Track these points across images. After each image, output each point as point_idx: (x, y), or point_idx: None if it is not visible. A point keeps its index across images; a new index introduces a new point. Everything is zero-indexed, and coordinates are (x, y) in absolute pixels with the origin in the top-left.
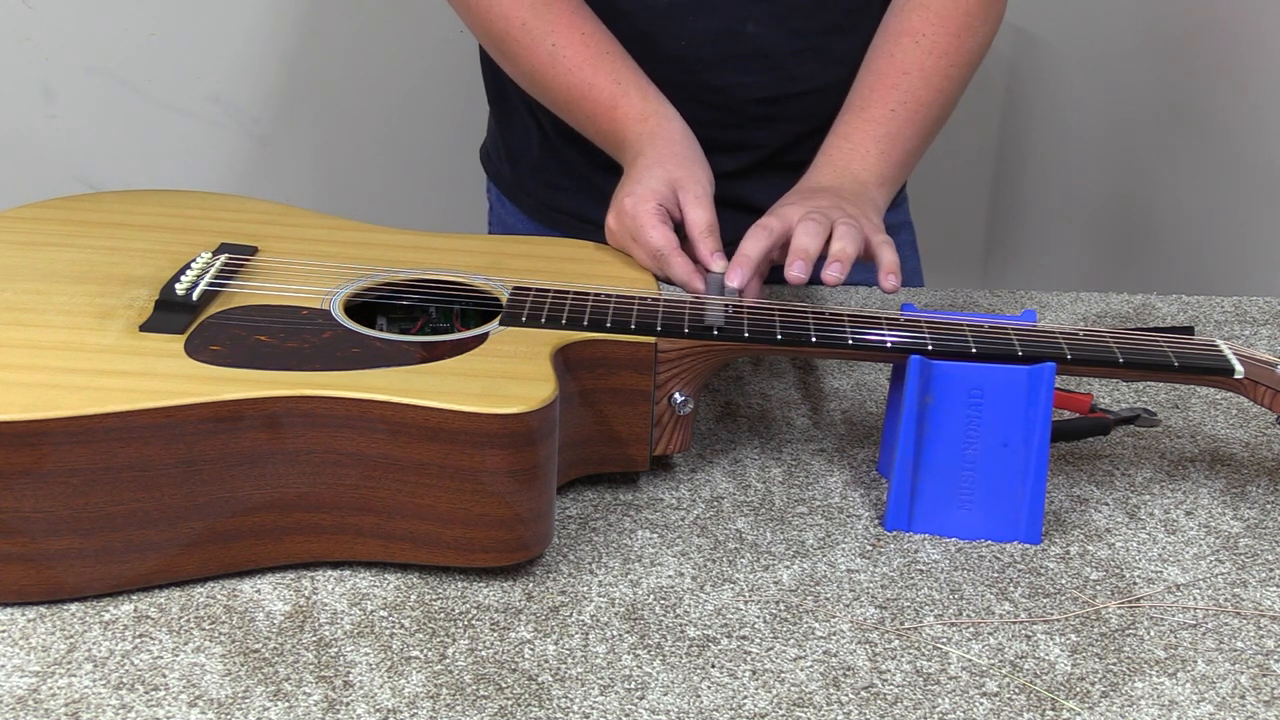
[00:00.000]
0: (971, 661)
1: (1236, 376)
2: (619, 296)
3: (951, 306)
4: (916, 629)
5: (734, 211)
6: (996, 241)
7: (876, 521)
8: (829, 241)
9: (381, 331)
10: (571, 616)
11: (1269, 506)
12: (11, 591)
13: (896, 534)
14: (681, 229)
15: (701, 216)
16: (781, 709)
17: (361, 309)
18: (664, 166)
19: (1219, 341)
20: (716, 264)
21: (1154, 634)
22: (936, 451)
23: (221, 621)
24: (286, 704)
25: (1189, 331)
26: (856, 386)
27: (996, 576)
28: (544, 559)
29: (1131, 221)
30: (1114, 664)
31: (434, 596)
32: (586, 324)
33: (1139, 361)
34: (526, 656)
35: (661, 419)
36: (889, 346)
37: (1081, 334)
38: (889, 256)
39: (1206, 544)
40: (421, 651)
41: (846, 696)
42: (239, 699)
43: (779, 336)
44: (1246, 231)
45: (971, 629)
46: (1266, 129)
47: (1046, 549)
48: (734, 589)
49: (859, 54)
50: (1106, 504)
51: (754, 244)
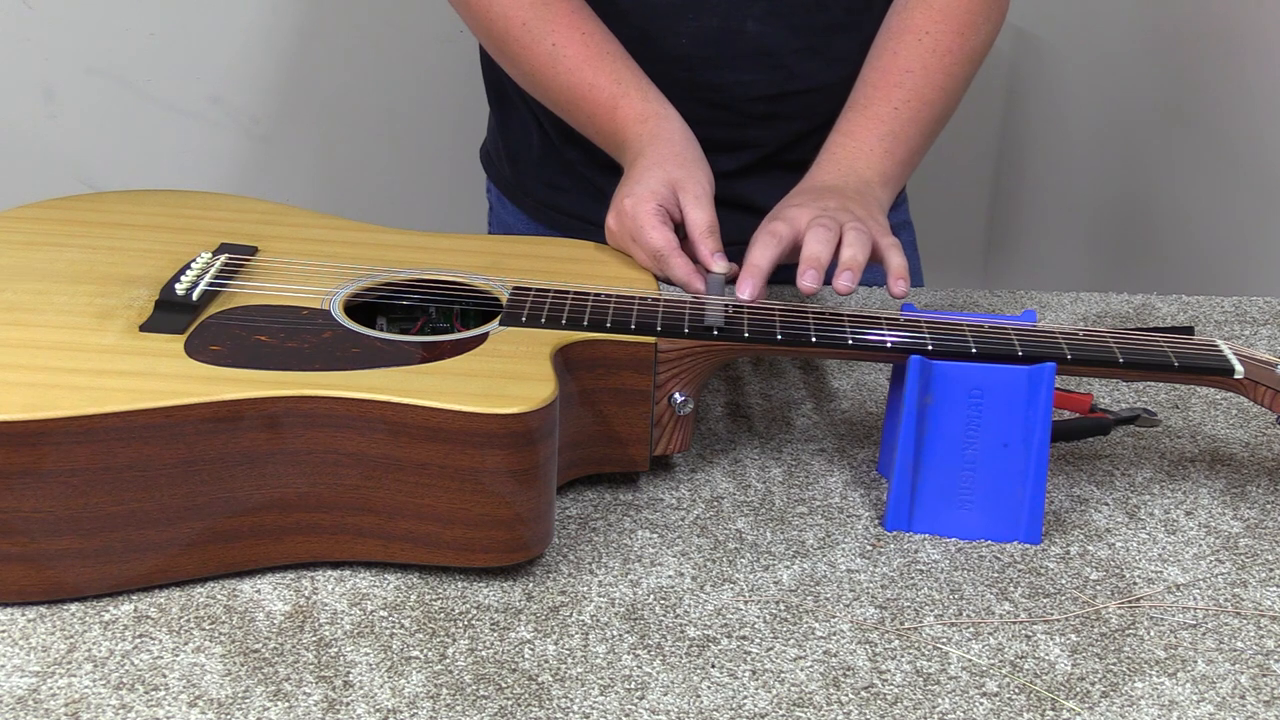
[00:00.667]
0: (971, 661)
1: (1236, 376)
2: (619, 297)
3: (951, 306)
4: (916, 629)
5: (735, 211)
6: (996, 241)
7: (876, 521)
8: (838, 248)
9: (382, 331)
10: (571, 616)
11: (1269, 506)
12: (11, 591)
13: (896, 534)
14: (681, 229)
15: (701, 217)
16: (781, 709)
17: (361, 309)
18: (664, 167)
19: (1219, 341)
20: (717, 265)
21: (1154, 634)
22: (936, 451)
23: (221, 621)
24: (286, 704)
25: (1189, 331)
26: (856, 386)
27: (996, 576)
28: (544, 559)
29: (1131, 221)
30: (1114, 664)
31: (434, 596)
32: (586, 324)
33: (1139, 361)
34: (526, 656)
35: (661, 419)
36: (889, 346)
37: (1081, 334)
38: (897, 260)
39: (1206, 544)
40: (421, 651)
41: (846, 696)
42: (239, 699)
43: (779, 337)
44: (1246, 231)
45: (971, 629)
46: (1266, 129)
47: (1046, 549)
48: (734, 589)
49: (860, 52)
50: (1106, 504)
51: (763, 253)
